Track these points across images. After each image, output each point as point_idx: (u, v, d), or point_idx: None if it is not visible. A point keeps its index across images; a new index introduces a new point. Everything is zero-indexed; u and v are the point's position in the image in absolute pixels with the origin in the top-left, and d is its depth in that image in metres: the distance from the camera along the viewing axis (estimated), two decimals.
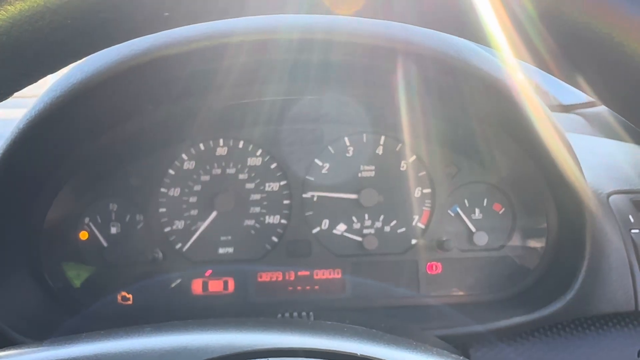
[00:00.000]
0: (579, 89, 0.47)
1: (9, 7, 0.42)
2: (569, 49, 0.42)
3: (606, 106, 0.49)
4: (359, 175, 1.13)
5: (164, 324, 0.50)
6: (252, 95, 1.06)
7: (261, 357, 0.44)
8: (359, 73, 1.01)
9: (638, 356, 0.99)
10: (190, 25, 0.84)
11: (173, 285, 1.11)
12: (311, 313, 0.89)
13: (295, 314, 0.89)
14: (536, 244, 1.11)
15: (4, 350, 0.50)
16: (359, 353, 0.45)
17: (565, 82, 0.48)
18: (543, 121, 0.95)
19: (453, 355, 0.50)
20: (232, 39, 0.85)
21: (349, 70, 0.99)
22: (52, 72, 0.50)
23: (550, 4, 0.39)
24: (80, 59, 0.50)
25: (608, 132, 1.53)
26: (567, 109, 1.72)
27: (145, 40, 0.82)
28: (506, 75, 0.92)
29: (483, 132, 1.07)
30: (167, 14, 0.48)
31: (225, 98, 1.04)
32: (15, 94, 0.51)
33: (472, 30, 0.45)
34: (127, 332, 0.49)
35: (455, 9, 0.44)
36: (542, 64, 0.46)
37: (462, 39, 0.89)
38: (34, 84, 0.52)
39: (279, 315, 0.94)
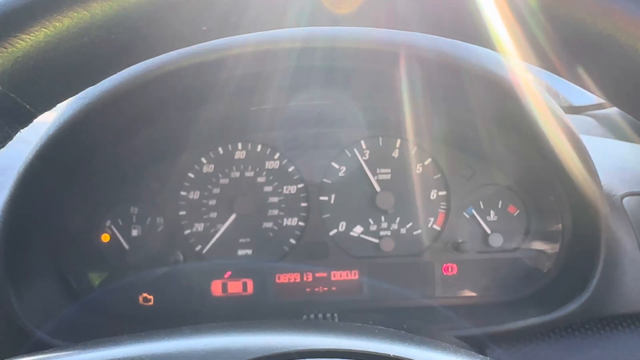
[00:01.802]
0: (586, 89, 0.48)
1: (57, 24, 0.44)
2: (577, 50, 0.43)
3: (615, 106, 0.50)
4: (376, 178, 1.15)
5: (202, 326, 0.52)
6: (270, 100, 1.08)
7: (300, 358, 0.46)
8: (373, 78, 1.02)
9: None
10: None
11: (193, 287, 1.13)
12: (335, 314, 0.91)
13: (320, 315, 0.91)
14: (551, 245, 1.13)
15: (43, 353, 0.52)
16: (392, 354, 0.47)
17: (570, 81, 0.49)
18: (556, 123, 0.96)
19: (480, 356, 0.52)
20: (250, 48, 0.87)
21: (363, 75, 1.01)
22: (93, 84, 0.52)
23: (557, 7, 0.40)
24: (120, 71, 0.52)
25: (619, 134, 1.54)
26: (577, 110, 1.73)
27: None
28: (515, 77, 0.93)
29: (497, 135, 1.08)
30: (205, 28, 0.50)
31: (244, 103, 1.06)
32: None
33: (478, 35, 0.46)
34: (168, 334, 0.51)
35: (460, 13, 0.46)
36: (547, 65, 0.47)
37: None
38: None
39: (304, 317, 0.95)
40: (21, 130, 0.52)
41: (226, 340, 0.48)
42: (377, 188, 1.14)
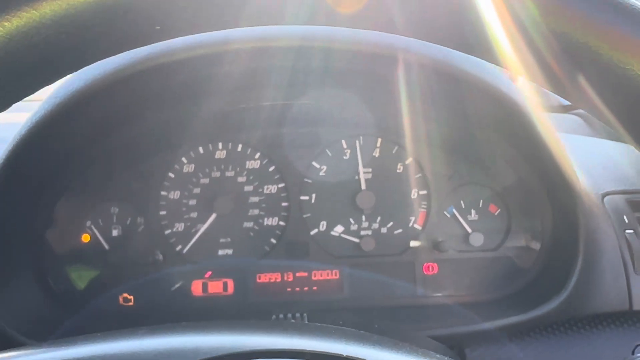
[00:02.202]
0: (582, 108, 0.47)
1: (5, 24, 0.44)
2: (575, 70, 0.43)
3: (607, 125, 0.50)
4: (356, 177, 1.15)
5: (156, 327, 0.52)
6: (250, 99, 1.08)
7: (246, 359, 0.46)
8: (357, 78, 1.02)
9: (632, 354, 1.00)
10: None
11: (174, 288, 1.13)
12: (305, 314, 0.90)
13: (289, 315, 0.91)
14: (531, 244, 1.13)
15: (4, 352, 0.52)
16: (345, 354, 0.47)
17: (570, 102, 0.49)
18: (538, 125, 0.96)
19: (438, 355, 0.52)
20: (231, 45, 0.86)
21: (347, 75, 1.01)
22: (48, 84, 0.51)
23: (556, 27, 0.40)
24: (75, 71, 0.51)
25: (606, 133, 1.54)
26: (566, 109, 1.73)
27: (145, 47, 0.84)
28: (503, 81, 0.93)
29: (478, 135, 1.08)
30: (158, 27, 0.49)
31: (224, 103, 1.06)
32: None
33: (476, 47, 0.46)
34: (122, 334, 0.50)
35: (459, 25, 0.45)
36: (551, 87, 0.47)
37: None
38: None
39: (273, 317, 0.95)
40: None
41: (176, 341, 0.48)
42: (361, 187, 1.14)
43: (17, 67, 0.47)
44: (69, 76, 0.86)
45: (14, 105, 0.54)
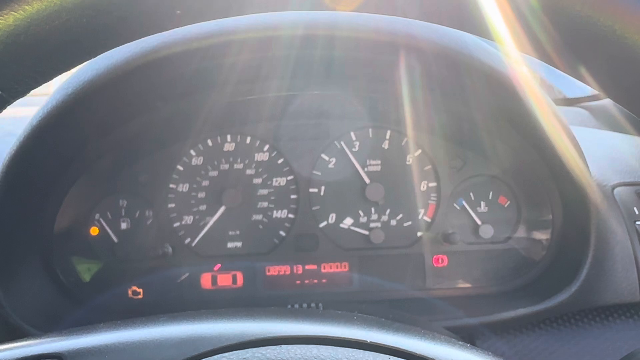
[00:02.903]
0: (582, 81, 0.48)
1: (27, 7, 0.44)
2: (572, 41, 0.43)
3: (609, 97, 0.50)
4: (366, 169, 1.15)
5: (159, 316, 0.52)
6: (259, 91, 1.07)
7: (270, 345, 0.45)
8: (363, 68, 1.02)
9: None
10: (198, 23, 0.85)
11: (180, 279, 1.12)
12: (320, 304, 0.90)
13: (305, 305, 0.90)
14: (541, 236, 1.12)
15: (13, 343, 0.51)
16: (368, 340, 0.47)
17: (568, 74, 0.49)
18: (547, 114, 0.95)
19: (461, 342, 0.51)
20: (237, 36, 0.86)
21: (354, 65, 1.00)
22: (67, 70, 0.51)
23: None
24: (94, 56, 0.51)
25: (613, 125, 1.53)
26: (571, 102, 1.73)
27: (153, 38, 0.84)
28: (510, 69, 0.93)
29: (488, 126, 1.08)
30: (179, 12, 0.49)
31: (232, 94, 1.05)
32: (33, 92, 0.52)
33: (474, 24, 0.46)
34: (128, 324, 0.50)
35: (457, 2, 0.45)
36: (544, 57, 0.47)
37: (465, 33, 0.91)
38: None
39: (289, 306, 0.95)
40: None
41: (198, 328, 0.48)
42: (367, 180, 1.14)
43: (38, 51, 0.46)
44: (79, 67, 0.86)
45: (22, 100, 0.54)
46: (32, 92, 0.53)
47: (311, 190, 1.15)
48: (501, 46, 0.47)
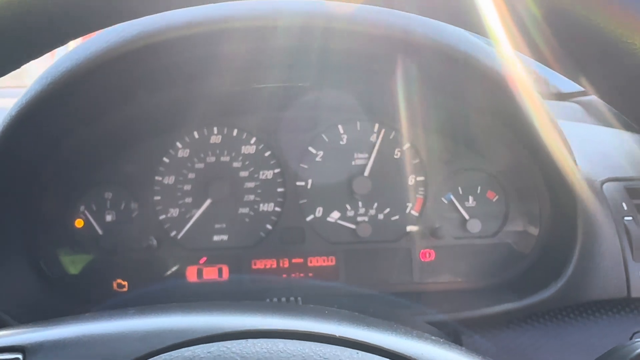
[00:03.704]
0: (576, 82, 0.47)
1: None
2: (567, 41, 0.42)
3: (603, 100, 0.49)
4: (353, 163, 1.14)
5: (127, 309, 0.51)
6: (246, 83, 1.06)
7: (235, 339, 0.45)
8: (354, 61, 1.00)
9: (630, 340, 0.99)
10: (184, 10, 0.84)
11: (168, 273, 1.12)
12: (299, 298, 0.89)
13: (283, 299, 0.89)
14: (529, 231, 1.12)
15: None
16: (337, 334, 0.46)
17: (562, 74, 0.48)
18: (537, 111, 0.95)
19: (433, 337, 0.51)
20: (227, 25, 0.85)
21: (345, 58, 0.99)
22: (39, 55, 0.50)
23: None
24: (64, 44, 0.50)
25: (606, 121, 1.52)
26: (565, 97, 1.72)
27: (138, 26, 0.82)
28: (502, 66, 0.92)
29: (477, 121, 1.07)
30: None
31: (219, 86, 1.04)
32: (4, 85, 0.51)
33: (469, 20, 0.45)
34: (95, 317, 0.49)
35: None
36: (539, 57, 0.46)
37: (460, 29, 0.89)
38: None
39: (267, 300, 0.94)
40: None
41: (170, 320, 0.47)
42: (357, 172, 1.13)
43: (11, 33, 0.45)
44: (60, 56, 0.85)
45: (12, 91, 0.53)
46: (10, 84, 0.52)
47: (298, 183, 1.14)
48: (495, 43, 0.47)
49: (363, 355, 0.44)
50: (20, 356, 0.44)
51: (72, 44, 1.03)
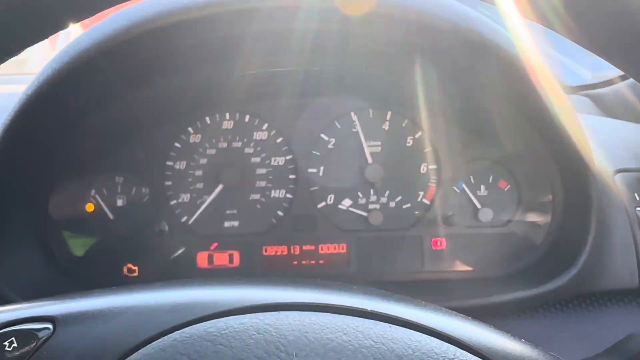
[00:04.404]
0: (579, 43, 0.47)
1: None
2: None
3: (610, 62, 0.49)
4: (365, 150, 1.13)
5: (155, 284, 0.51)
6: (257, 68, 1.05)
7: (268, 311, 0.44)
8: (372, 46, 0.99)
9: None
10: None
11: (175, 255, 1.11)
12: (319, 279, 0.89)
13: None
14: (541, 220, 1.11)
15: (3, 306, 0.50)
16: (369, 309, 0.46)
17: (568, 37, 0.48)
18: (555, 98, 0.94)
19: (461, 315, 0.50)
20: (240, 6, 0.84)
21: (363, 42, 0.98)
22: (49, 35, 0.49)
23: None
24: (79, 20, 0.49)
25: (613, 113, 1.52)
26: (573, 90, 1.72)
27: (152, 7, 0.82)
28: (520, 51, 0.91)
29: (492, 108, 1.06)
30: None
31: (232, 71, 1.04)
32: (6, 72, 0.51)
33: None
34: (122, 290, 0.49)
35: None
36: (544, 20, 0.46)
37: (479, 14, 0.89)
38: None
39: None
40: None
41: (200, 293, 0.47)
42: (370, 160, 1.13)
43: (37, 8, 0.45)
44: (78, 35, 0.84)
45: (14, 77, 0.52)
46: (12, 71, 0.52)
47: (310, 170, 1.14)
48: (502, 11, 0.47)
49: (395, 328, 0.44)
50: (50, 326, 0.44)
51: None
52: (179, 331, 0.42)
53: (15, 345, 0.43)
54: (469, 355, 0.44)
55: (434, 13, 0.84)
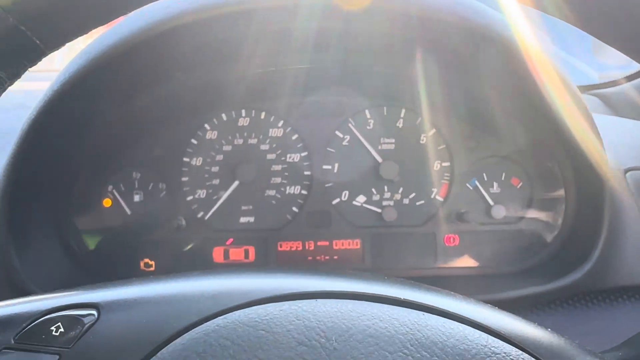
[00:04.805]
0: (583, 29, 0.48)
1: None
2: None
3: (612, 46, 0.50)
4: (379, 147, 1.15)
5: (192, 272, 0.52)
6: (273, 66, 1.07)
7: (305, 299, 0.46)
8: (381, 44, 1.01)
9: None
10: None
11: (188, 247, 1.13)
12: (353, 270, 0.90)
13: None
14: (554, 217, 1.13)
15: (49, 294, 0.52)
16: (402, 297, 0.47)
17: (571, 23, 0.49)
18: (566, 93, 0.95)
19: (488, 305, 0.52)
20: (255, 5, 0.85)
21: (372, 40, 0.99)
22: (104, 23, 0.51)
23: None
24: (131, 10, 0.51)
25: (622, 112, 1.54)
26: (581, 90, 1.73)
27: (171, 7, 0.83)
28: (530, 46, 0.92)
29: (504, 105, 1.07)
30: None
31: (248, 68, 1.05)
32: (38, 68, 0.52)
33: None
34: (161, 278, 0.51)
35: None
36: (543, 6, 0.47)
37: (483, 7, 0.90)
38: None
39: None
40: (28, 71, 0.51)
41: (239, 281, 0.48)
42: (379, 159, 1.14)
43: (78, 1, 0.46)
44: (101, 32, 0.86)
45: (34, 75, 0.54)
46: (42, 67, 0.53)
47: (325, 167, 1.15)
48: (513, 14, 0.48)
49: (428, 316, 0.46)
50: (95, 312, 0.45)
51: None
52: (221, 317, 0.43)
53: (62, 330, 0.44)
54: (500, 342, 0.45)
55: (434, 6, 0.85)
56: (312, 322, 0.43)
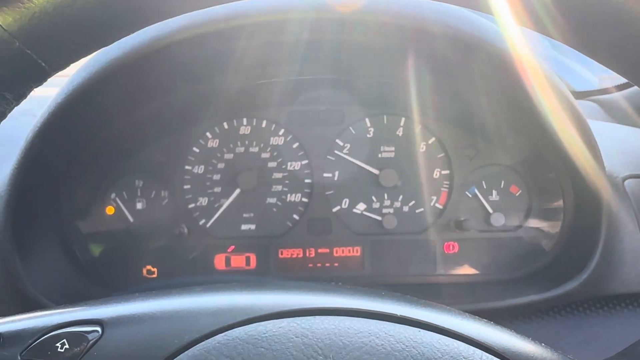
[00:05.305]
0: (581, 51, 0.49)
1: None
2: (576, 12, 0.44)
3: (609, 68, 0.51)
4: (379, 155, 1.16)
5: (193, 287, 0.53)
6: (275, 75, 1.08)
7: (304, 316, 0.47)
8: (379, 54, 1.02)
9: None
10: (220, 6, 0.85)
11: (192, 256, 1.14)
12: (340, 283, 0.91)
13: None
14: (552, 225, 1.14)
15: (51, 309, 0.53)
16: (398, 314, 0.48)
17: (568, 45, 0.50)
18: (562, 103, 0.96)
19: (484, 320, 0.53)
20: (253, 18, 0.86)
21: (370, 50, 1.00)
22: (108, 44, 0.52)
23: None
24: (136, 30, 0.52)
25: (621, 119, 1.54)
26: (580, 95, 1.73)
27: (176, 20, 0.84)
28: (526, 57, 0.93)
29: (501, 115, 1.09)
30: None
31: (249, 78, 1.06)
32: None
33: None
34: (163, 294, 0.52)
35: None
36: (545, 30, 0.48)
37: (476, 16, 0.91)
38: None
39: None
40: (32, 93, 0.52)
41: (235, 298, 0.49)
42: (376, 170, 1.15)
43: (82, 24, 0.47)
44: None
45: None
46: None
47: (325, 175, 1.16)
48: (499, 19, 0.49)
49: (424, 332, 0.47)
50: (99, 328, 0.46)
51: None
52: (222, 334, 0.44)
53: (67, 346, 0.45)
54: (494, 358, 0.46)
55: (426, 16, 0.86)
56: (310, 340, 0.44)
